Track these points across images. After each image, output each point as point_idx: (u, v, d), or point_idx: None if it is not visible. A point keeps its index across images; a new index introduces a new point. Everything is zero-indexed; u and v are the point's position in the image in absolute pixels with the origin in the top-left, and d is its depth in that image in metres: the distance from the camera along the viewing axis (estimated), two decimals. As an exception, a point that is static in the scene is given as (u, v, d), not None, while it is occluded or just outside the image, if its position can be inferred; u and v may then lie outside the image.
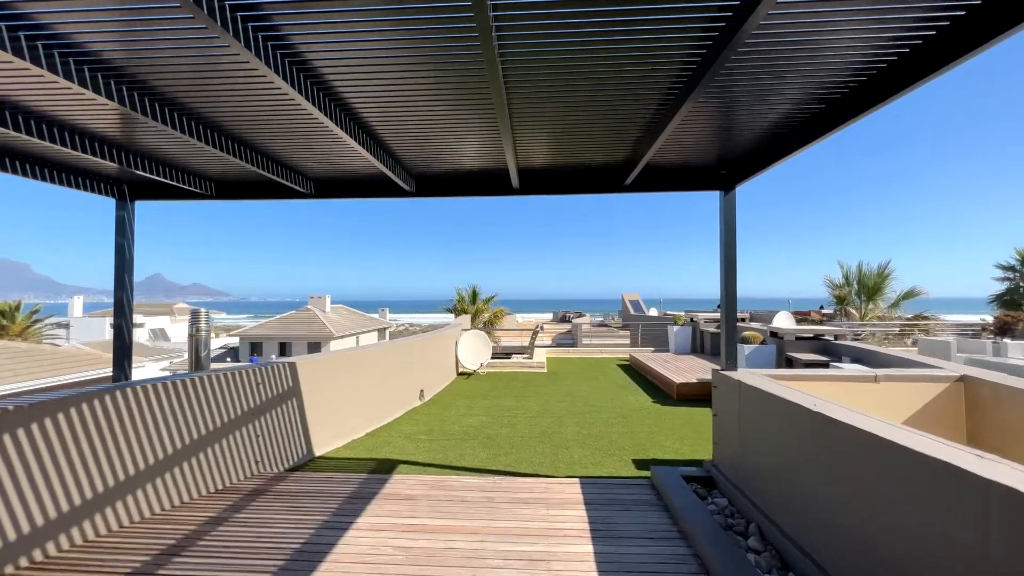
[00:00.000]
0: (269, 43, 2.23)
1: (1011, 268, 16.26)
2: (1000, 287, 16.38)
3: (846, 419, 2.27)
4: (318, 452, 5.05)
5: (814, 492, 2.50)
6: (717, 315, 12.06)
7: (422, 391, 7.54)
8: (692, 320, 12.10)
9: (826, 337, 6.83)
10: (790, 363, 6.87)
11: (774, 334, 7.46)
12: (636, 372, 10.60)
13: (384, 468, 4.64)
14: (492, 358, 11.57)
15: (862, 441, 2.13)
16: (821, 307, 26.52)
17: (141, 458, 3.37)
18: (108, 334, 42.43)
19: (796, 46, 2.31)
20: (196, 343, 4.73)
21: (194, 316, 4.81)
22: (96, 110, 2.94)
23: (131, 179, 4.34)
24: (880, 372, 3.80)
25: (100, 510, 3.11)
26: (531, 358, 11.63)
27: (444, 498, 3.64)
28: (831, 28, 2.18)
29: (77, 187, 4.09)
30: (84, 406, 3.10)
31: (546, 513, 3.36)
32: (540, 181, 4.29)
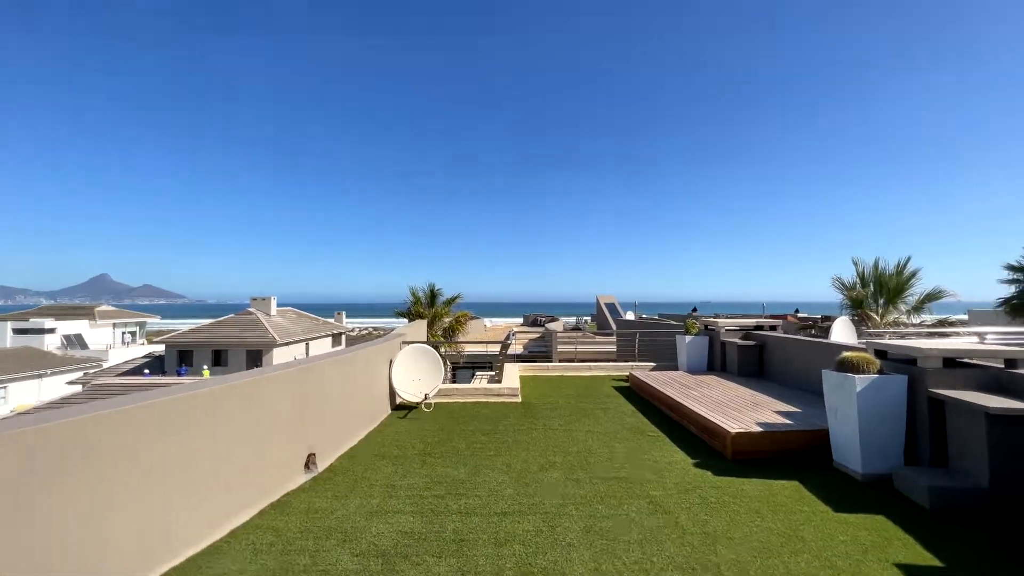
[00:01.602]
0: None
1: (1021, 269, 14.52)
2: (1008, 290, 14.63)
3: None
4: None
5: None
6: (741, 321, 9.34)
7: (311, 456, 4.36)
8: (708, 328, 9.38)
9: (981, 362, 4.13)
10: (940, 411, 3.99)
11: (881, 353, 4.65)
12: (641, 399, 7.76)
13: None
14: (452, 377, 8.49)
15: None
16: (796, 310, 24.88)
17: None
18: (10, 340, 36.50)
19: None
20: None
21: None
22: None
23: None
24: None
25: None
26: (500, 381, 8.59)
27: None
28: None
29: None
30: None
31: None
32: None
